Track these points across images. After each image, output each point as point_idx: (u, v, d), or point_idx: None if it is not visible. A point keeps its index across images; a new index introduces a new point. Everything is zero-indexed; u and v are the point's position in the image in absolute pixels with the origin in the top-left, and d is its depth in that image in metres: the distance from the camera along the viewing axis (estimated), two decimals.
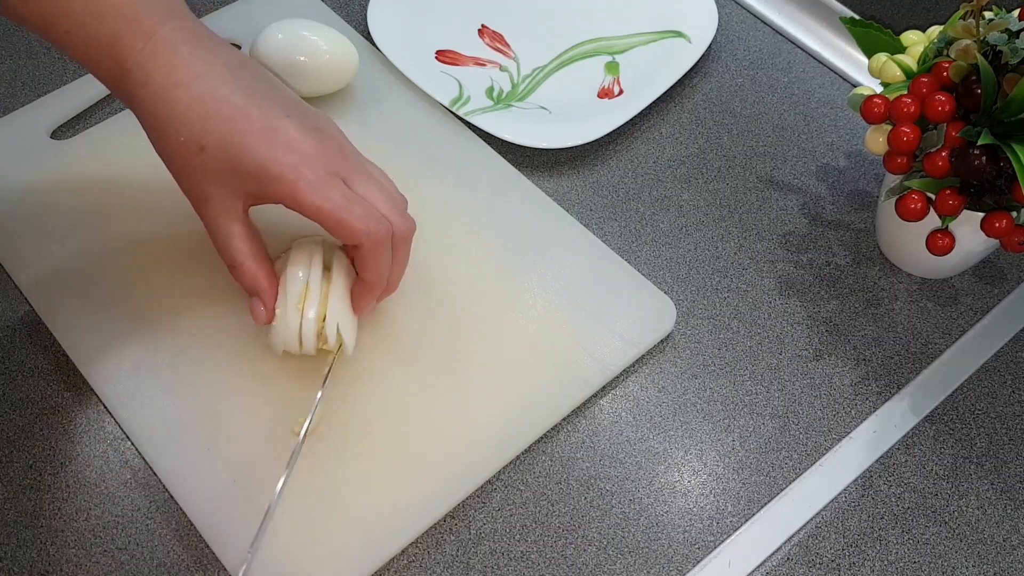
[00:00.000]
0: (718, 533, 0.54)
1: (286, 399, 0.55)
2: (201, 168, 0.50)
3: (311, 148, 0.50)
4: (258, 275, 0.52)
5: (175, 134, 0.49)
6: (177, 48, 0.49)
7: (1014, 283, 0.64)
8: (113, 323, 0.58)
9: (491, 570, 0.52)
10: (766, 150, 0.70)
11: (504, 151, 0.67)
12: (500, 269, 0.61)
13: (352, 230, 0.50)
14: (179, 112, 0.49)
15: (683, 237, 0.65)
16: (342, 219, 0.50)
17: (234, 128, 0.49)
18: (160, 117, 0.49)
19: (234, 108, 0.49)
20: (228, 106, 0.49)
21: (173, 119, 0.49)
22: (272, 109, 0.50)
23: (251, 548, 0.50)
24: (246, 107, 0.50)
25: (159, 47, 0.49)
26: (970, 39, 0.53)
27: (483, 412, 0.56)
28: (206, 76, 0.50)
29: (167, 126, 0.49)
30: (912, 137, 0.55)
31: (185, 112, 0.49)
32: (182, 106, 0.49)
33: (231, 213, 0.51)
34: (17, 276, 0.60)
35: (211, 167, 0.49)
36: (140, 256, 0.60)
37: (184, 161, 0.50)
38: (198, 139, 0.49)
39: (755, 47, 0.76)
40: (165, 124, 0.49)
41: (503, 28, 0.75)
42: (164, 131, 0.50)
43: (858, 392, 0.59)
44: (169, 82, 0.49)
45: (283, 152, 0.49)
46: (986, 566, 0.53)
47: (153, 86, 0.49)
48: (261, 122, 0.50)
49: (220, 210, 0.51)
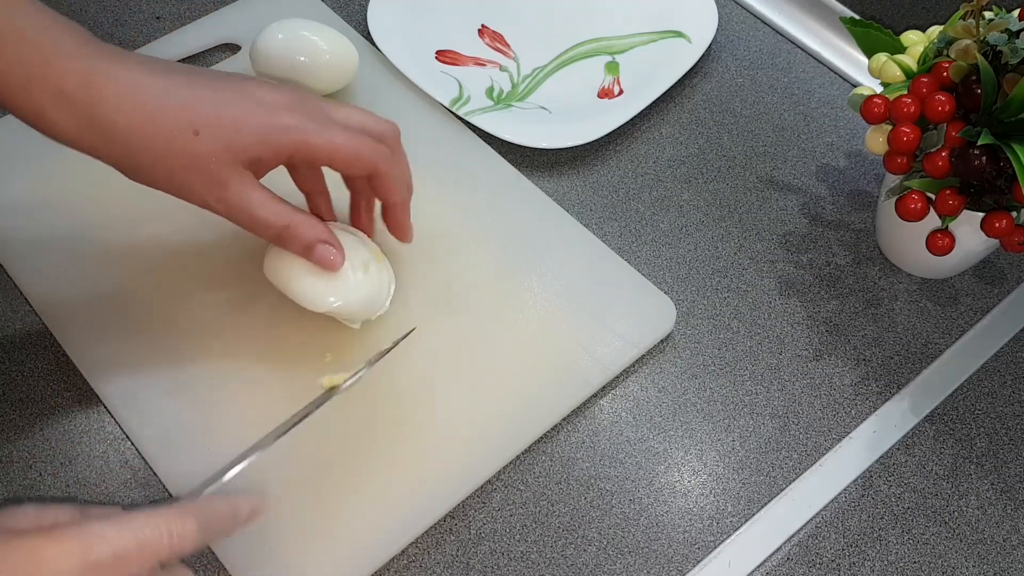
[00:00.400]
0: (718, 533, 0.54)
1: (286, 400, 0.55)
2: (204, 154, 0.48)
3: (291, 98, 0.51)
4: (313, 224, 0.52)
5: (162, 136, 0.48)
6: (115, 65, 0.48)
7: (1014, 283, 0.64)
8: (114, 323, 0.58)
9: (491, 570, 0.52)
10: (766, 150, 0.70)
11: (504, 151, 0.67)
12: (500, 269, 0.61)
13: (369, 159, 0.52)
14: (155, 112, 0.48)
15: (683, 237, 0.65)
16: (357, 152, 0.51)
17: (217, 102, 0.49)
18: (136, 131, 0.48)
19: (203, 88, 0.49)
20: (196, 87, 0.49)
21: (152, 122, 0.48)
22: (231, 80, 0.51)
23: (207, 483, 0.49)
24: (210, 83, 0.50)
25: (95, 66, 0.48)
26: (970, 39, 0.53)
27: (483, 412, 0.56)
28: (151, 70, 0.49)
29: (148, 132, 0.48)
30: (912, 137, 0.55)
31: (161, 110, 0.48)
32: (152, 102, 0.48)
33: (251, 184, 0.50)
34: (18, 276, 0.60)
35: (212, 149, 0.48)
36: (141, 257, 0.60)
37: (183, 157, 0.48)
38: (189, 126, 0.48)
39: (755, 47, 0.76)
40: (145, 131, 0.48)
41: (503, 28, 0.75)
42: (148, 140, 0.48)
43: (858, 392, 0.59)
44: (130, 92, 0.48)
45: (272, 109, 0.50)
46: (986, 566, 0.53)
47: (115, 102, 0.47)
48: (234, 93, 0.50)
49: (241, 186, 0.50)
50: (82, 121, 0.47)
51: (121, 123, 0.47)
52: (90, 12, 0.75)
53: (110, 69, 0.47)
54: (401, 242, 0.57)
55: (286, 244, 0.52)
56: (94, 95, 0.47)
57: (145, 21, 0.74)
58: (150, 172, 0.49)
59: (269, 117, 0.50)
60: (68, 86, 0.47)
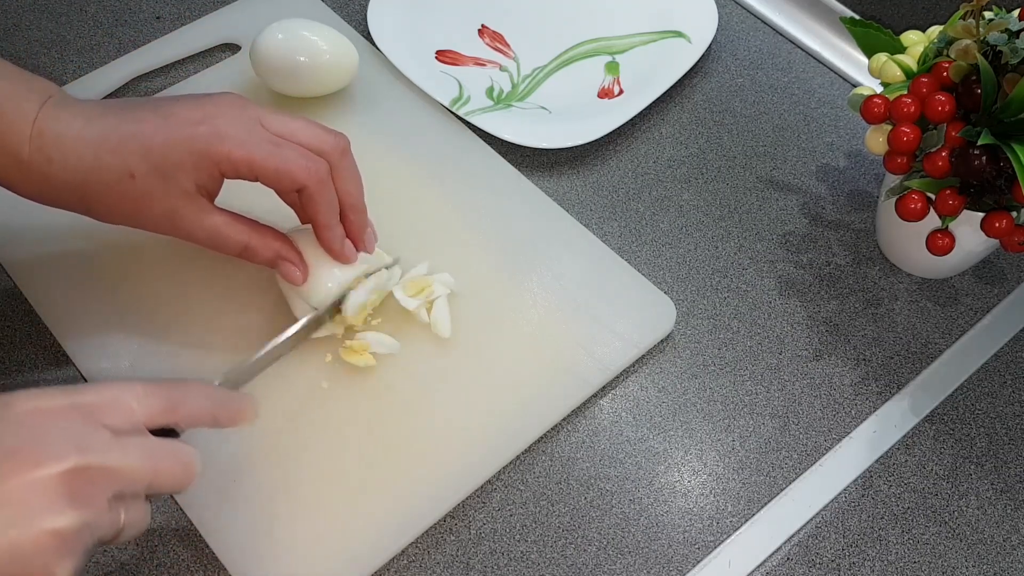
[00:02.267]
0: (718, 533, 0.54)
1: (286, 399, 0.55)
2: (146, 194, 0.50)
3: (213, 109, 0.51)
4: (271, 242, 0.53)
5: (104, 185, 0.50)
6: (60, 123, 0.49)
7: (1014, 283, 0.64)
8: (111, 320, 0.58)
9: (491, 570, 0.52)
10: (766, 150, 0.70)
11: (504, 151, 0.67)
12: (500, 269, 0.61)
13: (291, 175, 0.51)
14: (93, 163, 0.49)
15: (683, 237, 0.65)
16: (279, 167, 0.50)
17: (142, 136, 0.50)
18: (83, 184, 0.50)
19: (129, 123, 0.50)
20: (124, 125, 0.50)
21: (94, 172, 0.49)
22: (157, 106, 0.51)
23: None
24: (136, 116, 0.50)
25: (44, 127, 0.49)
26: (970, 39, 0.53)
27: (483, 412, 0.56)
28: (88, 120, 0.50)
29: (93, 182, 0.50)
30: (912, 137, 0.55)
31: (97, 160, 0.49)
32: (90, 154, 0.49)
33: (204, 209, 0.51)
34: (24, 285, 0.60)
35: (150, 187, 0.50)
36: (142, 258, 0.60)
37: (128, 200, 0.50)
38: (124, 170, 0.49)
39: (755, 47, 0.76)
40: (89, 183, 0.50)
41: (503, 28, 0.75)
42: (94, 190, 0.50)
43: (858, 392, 0.59)
44: (73, 147, 0.49)
45: (194, 126, 0.50)
46: (986, 566, 0.53)
47: (61, 161, 0.49)
48: (158, 119, 0.50)
49: (194, 214, 0.51)
50: (42, 183, 0.50)
51: (69, 179, 0.50)
52: (90, 12, 0.75)
53: (56, 128, 0.49)
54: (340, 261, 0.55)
55: (250, 260, 0.54)
56: (43, 157, 0.49)
57: (145, 21, 0.74)
58: (111, 216, 0.52)
59: (191, 135, 0.50)
60: (24, 153, 0.49)
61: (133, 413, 0.42)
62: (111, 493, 0.40)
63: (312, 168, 0.51)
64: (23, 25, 0.74)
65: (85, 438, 0.39)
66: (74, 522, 0.38)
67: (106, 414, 0.41)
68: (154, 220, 0.51)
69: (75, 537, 0.38)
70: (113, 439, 0.40)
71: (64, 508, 0.37)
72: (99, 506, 0.39)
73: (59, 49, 0.72)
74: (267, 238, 0.53)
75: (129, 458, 0.40)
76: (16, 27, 0.74)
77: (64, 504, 0.37)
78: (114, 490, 0.40)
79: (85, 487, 0.38)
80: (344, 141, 0.53)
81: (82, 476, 0.38)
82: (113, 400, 0.42)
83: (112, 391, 0.42)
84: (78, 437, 0.39)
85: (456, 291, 0.59)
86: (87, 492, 0.38)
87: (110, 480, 0.40)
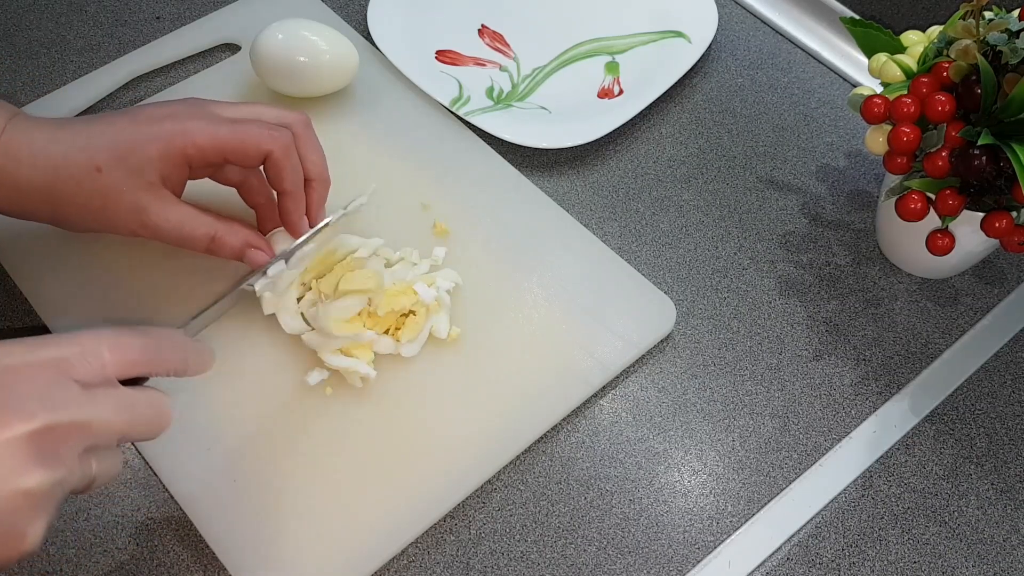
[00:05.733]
0: (718, 533, 0.54)
1: (286, 398, 0.55)
2: (112, 187, 0.51)
3: (177, 107, 0.53)
4: (238, 230, 0.54)
5: (73, 182, 0.51)
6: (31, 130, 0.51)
7: (1014, 283, 0.64)
8: (113, 321, 0.58)
9: (491, 570, 0.52)
10: (766, 150, 0.70)
11: (504, 151, 0.67)
12: (500, 269, 0.61)
13: (256, 142, 0.52)
14: (61, 162, 0.50)
15: (683, 237, 0.65)
16: (244, 138, 0.52)
17: (111, 132, 0.51)
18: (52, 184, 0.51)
19: (98, 123, 0.52)
20: (93, 125, 0.52)
21: (63, 169, 0.51)
22: (126, 111, 0.53)
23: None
24: (105, 119, 0.52)
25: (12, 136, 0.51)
26: (970, 39, 0.53)
27: (483, 412, 0.56)
28: (59, 125, 0.52)
29: (62, 180, 0.51)
30: (912, 137, 0.55)
31: (64, 158, 0.50)
32: (59, 152, 0.51)
33: (171, 203, 0.53)
34: (33, 298, 0.60)
35: (116, 180, 0.51)
36: (144, 257, 0.60)
37: (96, 196, 0.51)
38: (90, 164, 0.51)
39: (755, 47, 0.76)
40: (58, 180, 0.51)
41: (503, 28, 0.75)
42: (62, 188, 0.51)
43: (858, 392, 0.59)
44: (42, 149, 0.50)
45: (159, 121, 0.52)
46: (986, 566, 0.53)
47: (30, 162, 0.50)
48: (123, 119, 0.52)
49: (160, 208, 0.52)
50: (11, 189, 0.51)
51: (38, 181, 0.51)
52: (90, 12, 0.75)
53: (26, 135, 0.51)
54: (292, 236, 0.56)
55: (217, 253, 0.54)
56: (12, 161, 0.50)
57: (145, 21, 0.75)
58: (80, 220, 0.53)
59: (156, 129, 0.51)
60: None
61: (104, 366, 0.41)
62: (82, 448, 0.39)
63: (276, 135, 0.53)
64: (23, 25, 0.74)
65: (54, 395, 0.39)
66: (45, 481, 0.37)
67: (75, 368, 0.40)
68: (122, 216, 0.52)
69: (47, 496, 0.37)
70: (83, 393, 0.39)
71: (34, 468, 0.37)
72: (70, 463, 0.38)
73: (59, 49, 0.72)
74: (234, 226, 0.54)
75: (101, 412, 0.40)
76: (16, 27, 0.74)
77: (34, 464, 0.37)
78: (85, 445, 0.39)
79: (55, 445, 0.38)
80: (306, 117, 0.56)
81: (52, 434, 0.38)
82: (82, 353, 0.41)
83: (81, 342, 0.41)
84: (46, 395, 0.38)
85: (456, 291, 0.59)
86: (57, 450, 0.38)
87: (81, 435, 0.39)
